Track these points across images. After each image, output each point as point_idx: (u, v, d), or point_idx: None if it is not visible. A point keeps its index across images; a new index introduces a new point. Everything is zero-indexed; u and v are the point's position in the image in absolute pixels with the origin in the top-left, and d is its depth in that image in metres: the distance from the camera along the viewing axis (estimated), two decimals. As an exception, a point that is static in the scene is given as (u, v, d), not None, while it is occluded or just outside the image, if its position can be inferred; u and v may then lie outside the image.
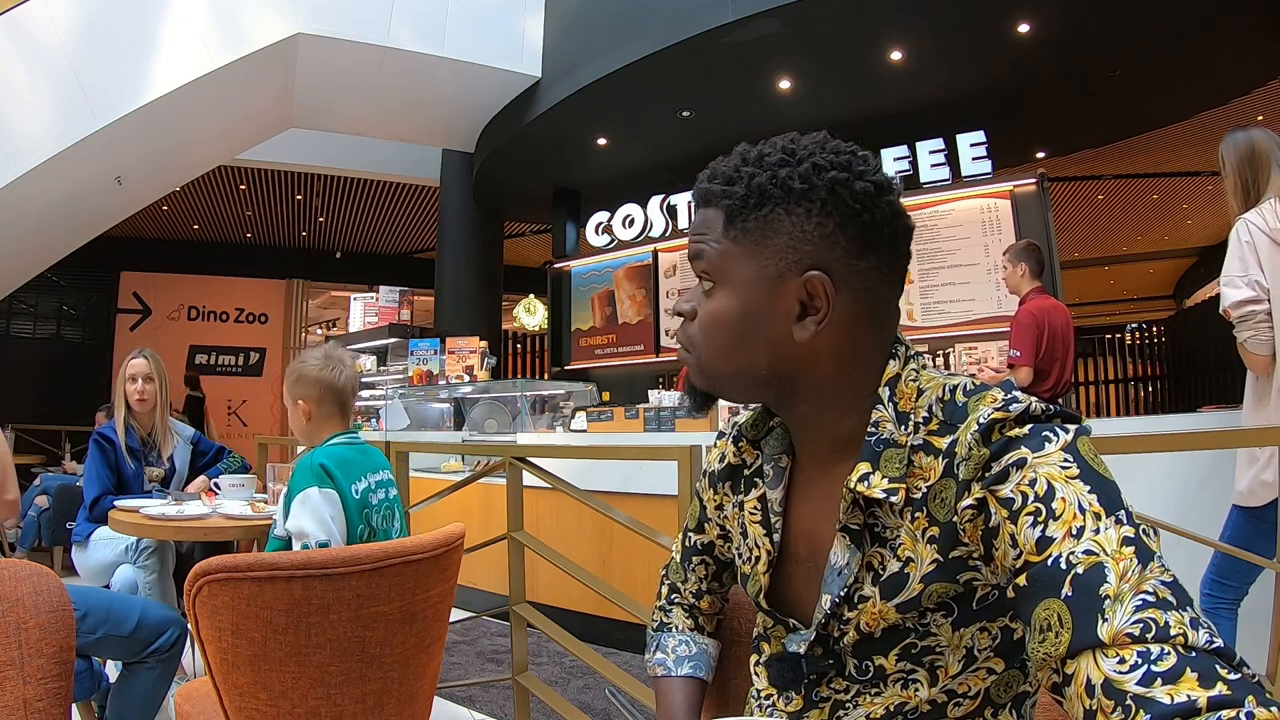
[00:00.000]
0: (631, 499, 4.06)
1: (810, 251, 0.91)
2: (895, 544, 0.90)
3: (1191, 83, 6.96)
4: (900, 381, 0.94)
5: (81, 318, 13.01)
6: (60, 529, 5.85)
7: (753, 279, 0.93)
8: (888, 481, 0.89)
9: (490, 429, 6.58)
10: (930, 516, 0.87)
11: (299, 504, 2.30)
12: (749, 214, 0.92)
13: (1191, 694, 0.61)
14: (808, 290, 0.91)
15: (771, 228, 0.91)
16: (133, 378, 3.69)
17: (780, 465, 1.06)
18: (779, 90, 7.11)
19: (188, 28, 6.72)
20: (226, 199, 11.99)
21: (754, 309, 0.93)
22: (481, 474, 3.47)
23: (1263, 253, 2.68)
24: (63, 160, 6.49)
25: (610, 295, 9.26)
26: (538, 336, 15.41)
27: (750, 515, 1.08)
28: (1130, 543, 0.71)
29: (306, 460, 2.40)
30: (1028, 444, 0.80)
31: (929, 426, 0.90)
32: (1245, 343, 2.72)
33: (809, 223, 0.90)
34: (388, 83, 7.67)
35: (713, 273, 0.96)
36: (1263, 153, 2.81)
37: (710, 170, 0.99)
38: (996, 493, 0.80)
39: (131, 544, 3.30)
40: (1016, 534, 0.77)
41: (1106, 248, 14.52)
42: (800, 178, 0.90)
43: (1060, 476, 0.77)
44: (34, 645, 1.32)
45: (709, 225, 0.97)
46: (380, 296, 8.88)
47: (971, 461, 0.83)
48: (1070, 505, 0.75)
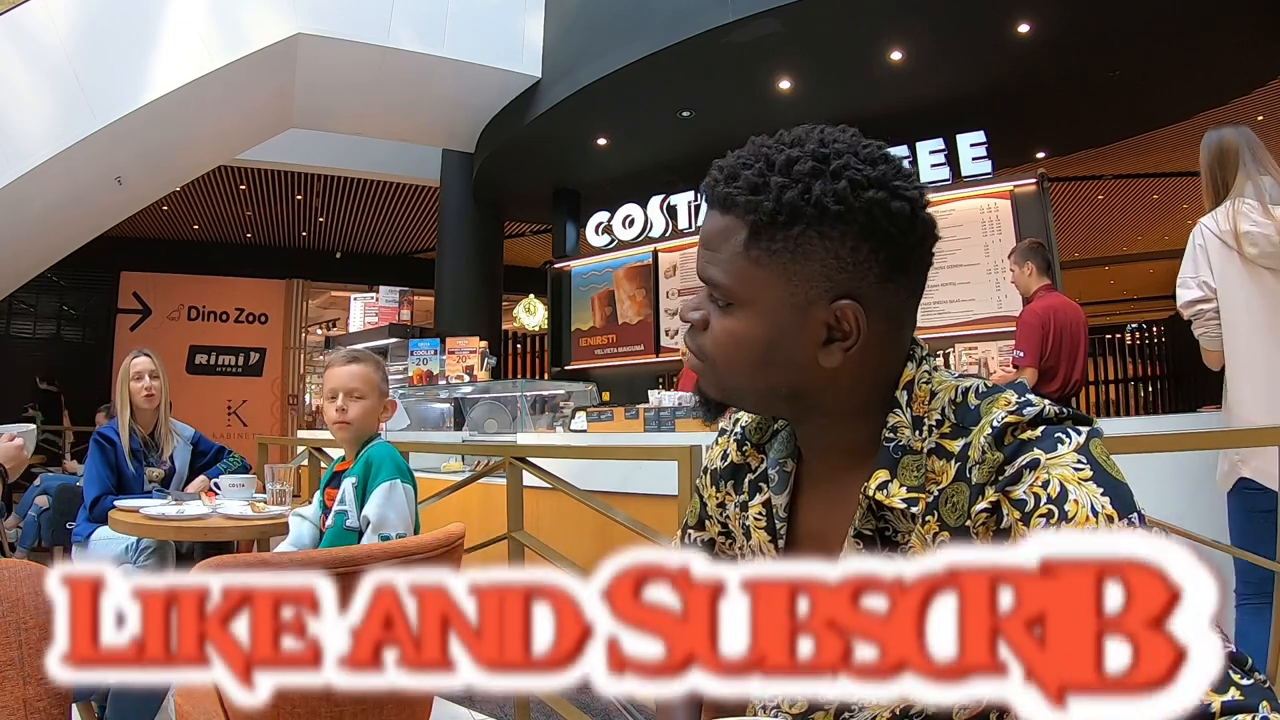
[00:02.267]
0: (631, 499, 4.06)
1: (842, 280, 0.85)
2: (906, 548, 0.89)
3: (1191, 83, 6.95)
4: (915, 385, 0.92)
5: (82, 318, 13.02)
6: (60, 529, 5.85)
7: (779, 305, 0.87)
8: (906, 490, 0.88)
9: (490, 429, 6.57)
10: (941, 520, 0.86)
11: (384, 494, 2.29)
12: (777, 232, 0.85)
13: (1205, 699, 0.61)
14: (836, 317, 0.86)
15: (802, 251, 0.85)
16: (139, 375, 3.70)
17: (785, 470, 1.03)
18: (779, 90, 7.10)
19: (188, 28, 6.73)
20: (227, 199, 11.98)
21: (778, 336, 0.88)
22: (481, 474, 3.48)
23: (1213, 255, 2.79)
24: (63, 160, 6.49)
25: (610, 295, 9.25)
26: (538, 336, 15.39)
27: (755, 521, 1.06)
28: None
29: (386, 450, 2.39)
30: (1040, 445, 0.80)
31: (941, 430, 0.88)
32: (1199, 339, 2.87)
33: (843, 248, 0.84)
34: (388, 83, 7.66)
35: (732, 295, 0.89)
36: (1231, 151, 2.87)
37: (727, 170, 0.91)
38: (1010, 494, 0.80)
39: (132, 544, 3.29)
40: (1028, 536, 0.76)
41: (1106, 248, 14.51)
42: (836, 197, 0.83)
43: (1073, 478, 0.77)
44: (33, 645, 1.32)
45: (726, 236, 0.89)
46: (380, 296, 8.86)
47: (985, 465, 0.82)
48: (1083, 508, 0.75)
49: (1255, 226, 2.70)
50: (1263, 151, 2.85)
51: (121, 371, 3.74)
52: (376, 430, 2.51)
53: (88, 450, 3.75)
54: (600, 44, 7.00)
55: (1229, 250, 2.76)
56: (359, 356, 2.49)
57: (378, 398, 2.48)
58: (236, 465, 3.98)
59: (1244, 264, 2.74)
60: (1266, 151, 2.86)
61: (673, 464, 2.46)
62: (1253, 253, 2.71)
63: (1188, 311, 2.87)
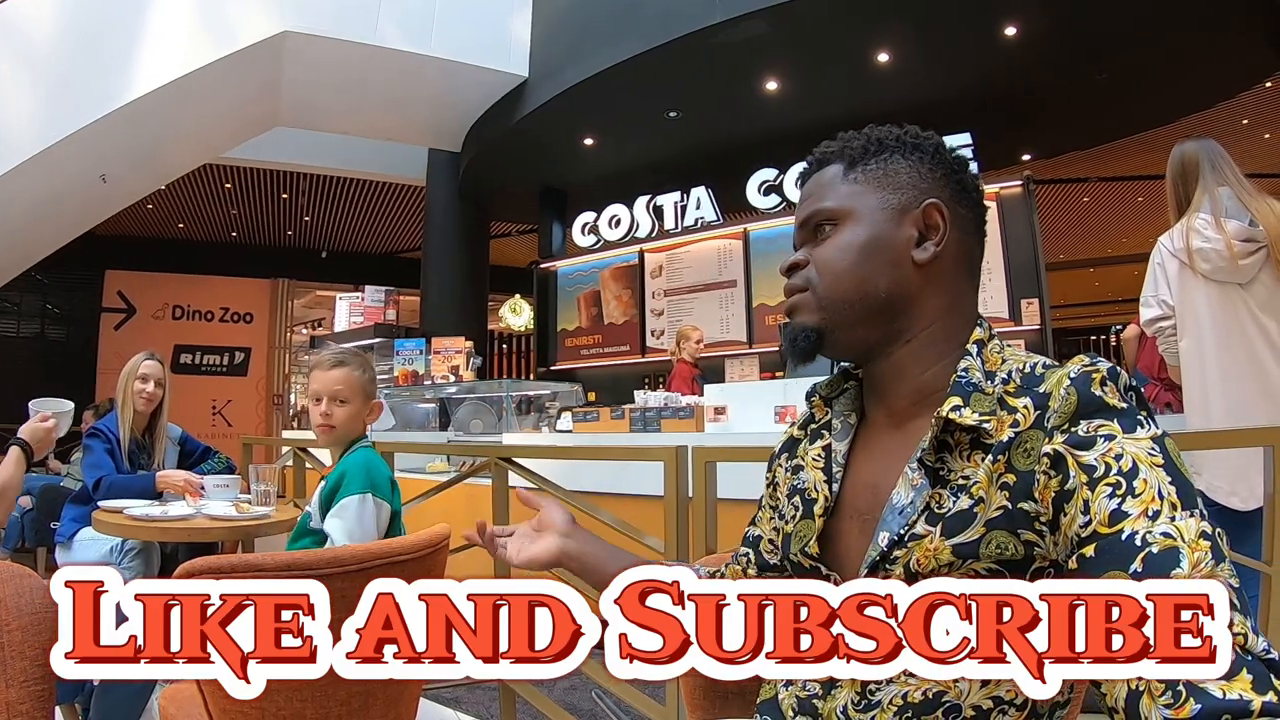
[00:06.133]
0: (618, 500, 4.05)
1: (926, 188, 1.04)
2: (964, 485, 0.90)
3: (1177, 86, 7.01)
4: (986, 347, 1.01)
5: (66, 316, 12.94)
6: (44, 529, 5.80)
7: (878, 208, 1.04)
8: (979, 415, 0.91)
9: (476, 429, 6.56)
10: (1010, 463, 0.88)
11: (348, 507, 2.23)
12: (870, 158, 1.06)
13: (1245, 695, 0.63)
14: (925, 220, 1.03)
15: (892, 168, 1.05)
16: (144, 378, 3.67)
17: (850, 421, 1.12)
18: (766, 91, 7.12)
19: (173, 25, 6.69)
20: (212, 197, 11.93)
21: (880, 234, 1.03)
22: (467, 474, 3.46)
23: (1170, 273, 2.91)
24: (47, 157, 6.44)
25: (596, 296, 9.26)
26: (523, 337, 15.39)
27: (813, 462, 1.12)
28: (1207, 538, 0.73)
29: (364, 459, 2.34)
30: (1121, 421, 0.82)
31: (1007, 387, 0.93)
32: (1163, 355, 3.03)
33: (923, 166, 1.05)
34: (374, 81, 7.64)
35: (837, 214, 1.06)
36: (1192, 165, 2.96)
37: (816, 148, 1.13)
38: (1080, 458, 0.81)
39: (116, 545, 3.28)
40: (1091, 501, 0.78)
41: (1092, 250, 14.59)
42: (912, 135, 1.08)
43: (1146, 460, 0.79)
44: (16, 648, 1.31)
45: (823, 182, 1.09)
46: (366, 296, 8.83)
47: (1062, 410, 0.84)
48: (1151, 488, 0.76)
49: (1206, 243, 2.78)
50: (1224, 162, 2.91)
51: (127, 369, 3.70)
52: (362, 433, 2.49)
53: (74, 449, 3.72)
54: (588, 44, 7.00)
55: (1185, 267, 2.85)
56: (344, 359, 2.45)
57: (363, 400, 2.44)
58: (222, 465, 3.97)
59: (1199, 279, 2.82)
60: (1228, 161, 2.92)
61: (659, 464, 2.46)
62: (1205, 269, 2.79)
63: (1150, 329, 3.00)
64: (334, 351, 2.50)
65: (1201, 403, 2.82)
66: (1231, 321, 2.77)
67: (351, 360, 2.46)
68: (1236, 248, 2.72)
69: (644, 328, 8.87)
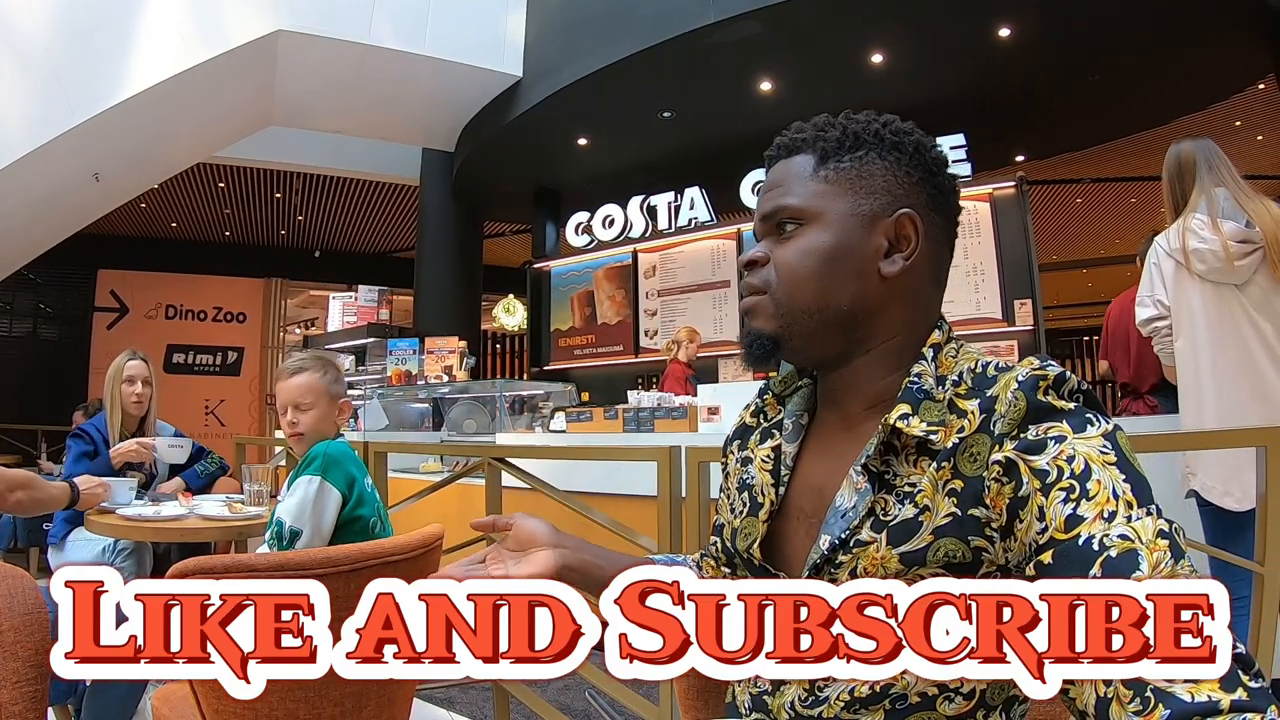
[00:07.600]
0: (611, 500, 4.05)
1: (901, 195, 0.98)
2: (909, 492, 0.90)
3: (1170, 88, 7.03)
4: (942, 351, 0.98)
5: (58, 316, 12.87)
6: (36, 530, 5.77)
7: (848, 214, 0.98)
8: (926, 425, 0.90)
9: (469, 429, 6.56)
10: (956, 469, 0.87)
11: (297, 486, 2.24)
12: (844, 154, 1.00)
13: (1213, 695, 0.62)
14: (897, 230, 0.97)
15: (867, 169, 0.99)
16: (130, 379, 3.66)
17: (800, 422, 1.10)
18: (760, 92, 7.13)
19: (167, 23, 6.66)
20: (205, 197, 11.88)
21: (847, 241, 0.98)
22: (460, 475, 3.45)
23: (1166, 273, 2.91)
24: (40, 156, 6.42)
25: (590, 296, 9.26)
26: (517, 337, 15.37)
27: (762, 463, 1.10)
28: (1165, 536, 0.73)
29: (324, 447, 2.33)
30: (1070, 421, 0.81)
31: (958, 389, 0.92)
32: (1159, 355, 3.02)
33: (899, 169, 0.99)
34: (368, 81, 7.63)
35: (804, 213, 1.00)
36: (1189, 165, 2.96)
37: (793, 127, 1.05)
38: (1031, 463, 0.80)
39: (109, 545, 3.27)
40: (1046, 507, 0.78)
41: (1084, 250, 14.63)
42: (891, 131, 1.00)
43: (1098, 460, 0.78)
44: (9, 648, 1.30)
45: (791, 173, 1.02)
46: (359, 296, 8.81)
47: (1009, 416, 0.83)
48: (1105, 489, 0.76)
49: (1202, 243, 2.78)
50: (1220, 162, 2.91)
51: (112, 371, 3.69)
52: (334, 433, 2.48)
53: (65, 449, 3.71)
54: (582, 44, 7.01)
55: (1181, 267, 2.85)
56: (304, 365, 2.46)
57: (328, 403, 2.46)
58: (215, 465, 3.95)
59: (1195, 280, 2.83)
60: (1225, 162, 2.92)
61: (652, 464, 2.46)
62: (1200, 269, 2.80)
63: (1145, 329, 3.00)
64: (295, 359, 2.51)
65: (1196, 403, 2.83)
66: (1227, 322, 2.77)
67: (311, 365, 2.47)
68: (1232, 249, 2.72)
69: (637, 328, 8.88)
